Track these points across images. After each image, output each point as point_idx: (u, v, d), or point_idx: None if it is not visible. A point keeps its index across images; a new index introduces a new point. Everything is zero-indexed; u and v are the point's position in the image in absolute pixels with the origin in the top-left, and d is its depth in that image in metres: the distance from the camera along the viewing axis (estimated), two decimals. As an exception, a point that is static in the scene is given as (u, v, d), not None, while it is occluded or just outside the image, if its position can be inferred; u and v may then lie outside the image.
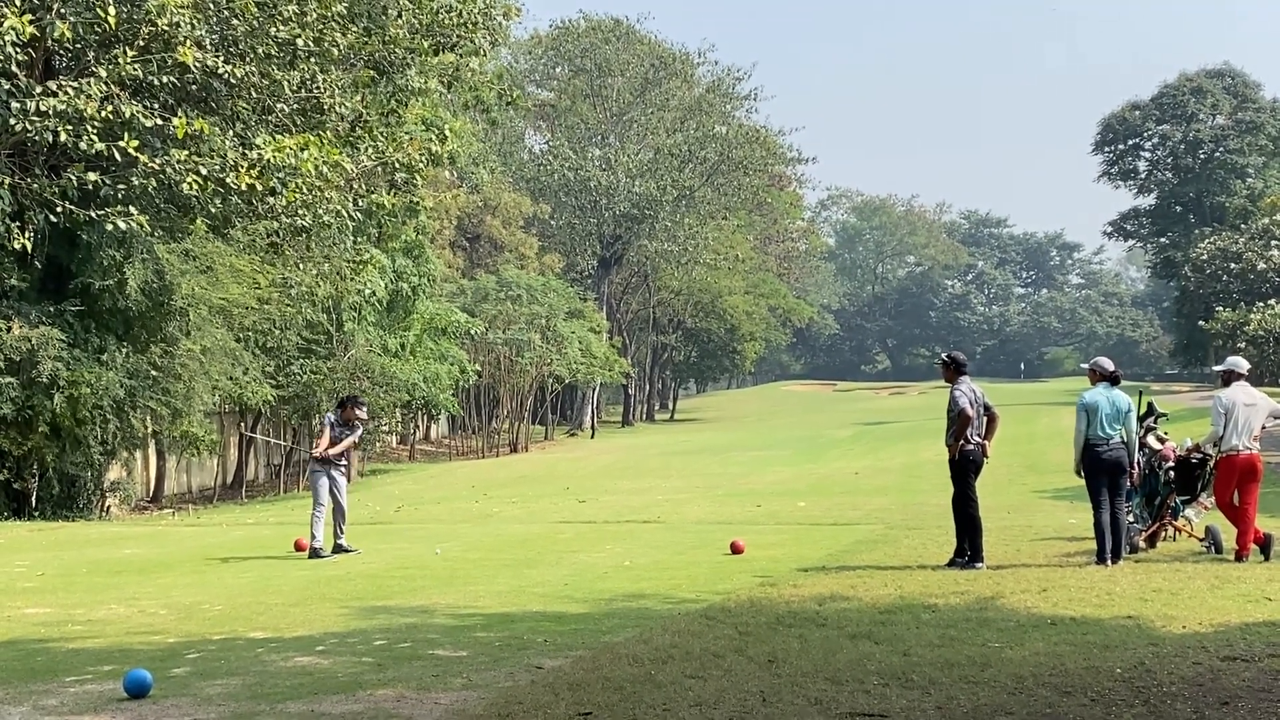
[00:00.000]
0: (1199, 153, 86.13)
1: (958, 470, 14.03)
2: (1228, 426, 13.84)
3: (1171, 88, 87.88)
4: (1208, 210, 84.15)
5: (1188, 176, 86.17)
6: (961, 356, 14.36)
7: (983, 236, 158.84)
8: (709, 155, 70.16)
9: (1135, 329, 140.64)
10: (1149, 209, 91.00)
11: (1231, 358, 14.64)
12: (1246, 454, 13.79)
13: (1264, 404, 14.02)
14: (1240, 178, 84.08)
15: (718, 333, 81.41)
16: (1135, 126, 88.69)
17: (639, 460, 42.19)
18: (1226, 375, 14.35)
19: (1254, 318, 52.85)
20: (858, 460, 37.04)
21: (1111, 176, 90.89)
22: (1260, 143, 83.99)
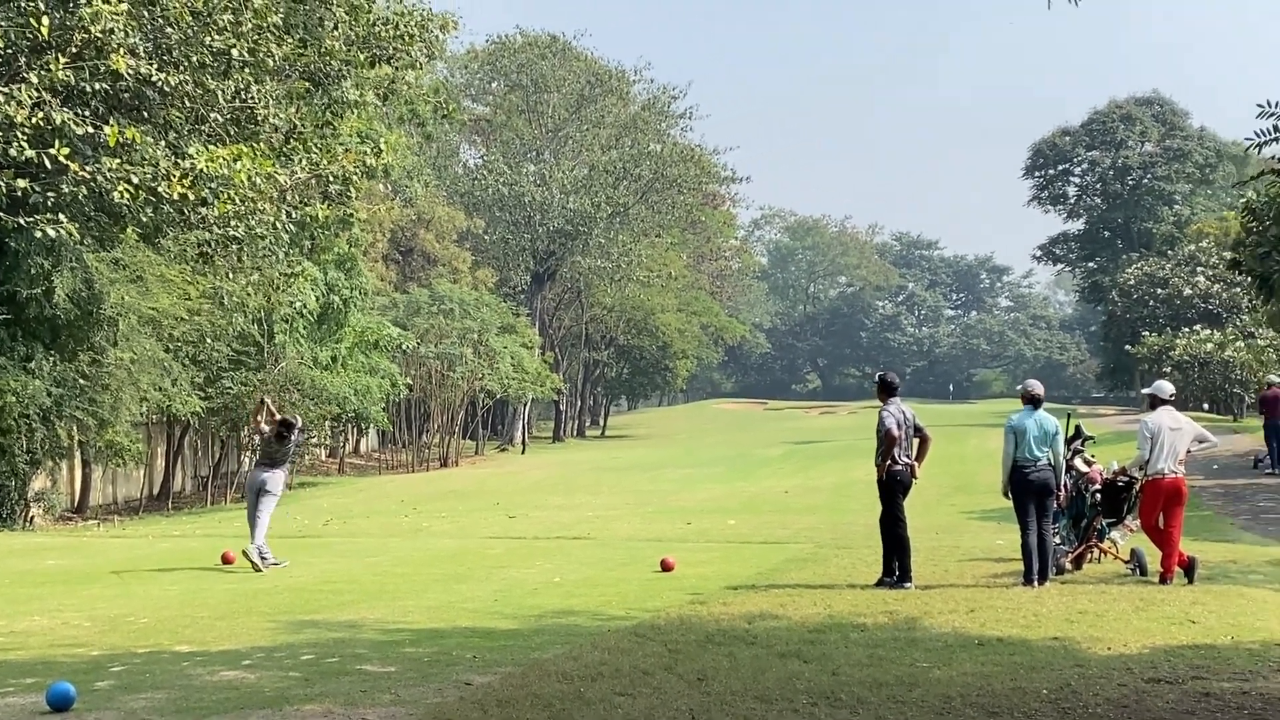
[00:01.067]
0: (1127, 179, 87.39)
1: (886, 490, 14.14)
2: (1153, 450, 14.05)
3: (1101, 114, 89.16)
4: (1135, 236, 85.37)
5: (1116, 202, 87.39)
6: (891, 378, 14.49)
7: (914, 258, 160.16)
8: (643, 173, 70.33)
9: (1063, 352, 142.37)
10: (1078, 234, 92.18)
11: (1158, 382, 14.91)
12: (1172, 478, 13.98)
13: (1189, 429, 14.23)
14: (1167, 204, 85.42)
15: (650, 350, 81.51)
16: (1065, 152, 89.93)
17: (570, 476, 42.11)
18: (1153, 399, 14.58)
19: (1179, 343, 53.65)
20: (788, 479, 37.17)
21: (1041, 201, 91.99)
22: (1187, 170, 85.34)
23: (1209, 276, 61.96)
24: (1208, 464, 30.25)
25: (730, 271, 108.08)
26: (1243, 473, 29.51)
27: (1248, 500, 24.66)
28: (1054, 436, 14.14)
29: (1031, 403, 14.30)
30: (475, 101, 73.24)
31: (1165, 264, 66.99)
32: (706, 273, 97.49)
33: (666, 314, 79.32)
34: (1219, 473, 29.56)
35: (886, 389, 14.33)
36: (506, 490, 37.07)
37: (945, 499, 28.12)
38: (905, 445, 14.10)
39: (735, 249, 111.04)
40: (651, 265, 73.46)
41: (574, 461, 50.94)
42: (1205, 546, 16.69)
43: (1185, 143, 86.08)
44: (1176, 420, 14.21)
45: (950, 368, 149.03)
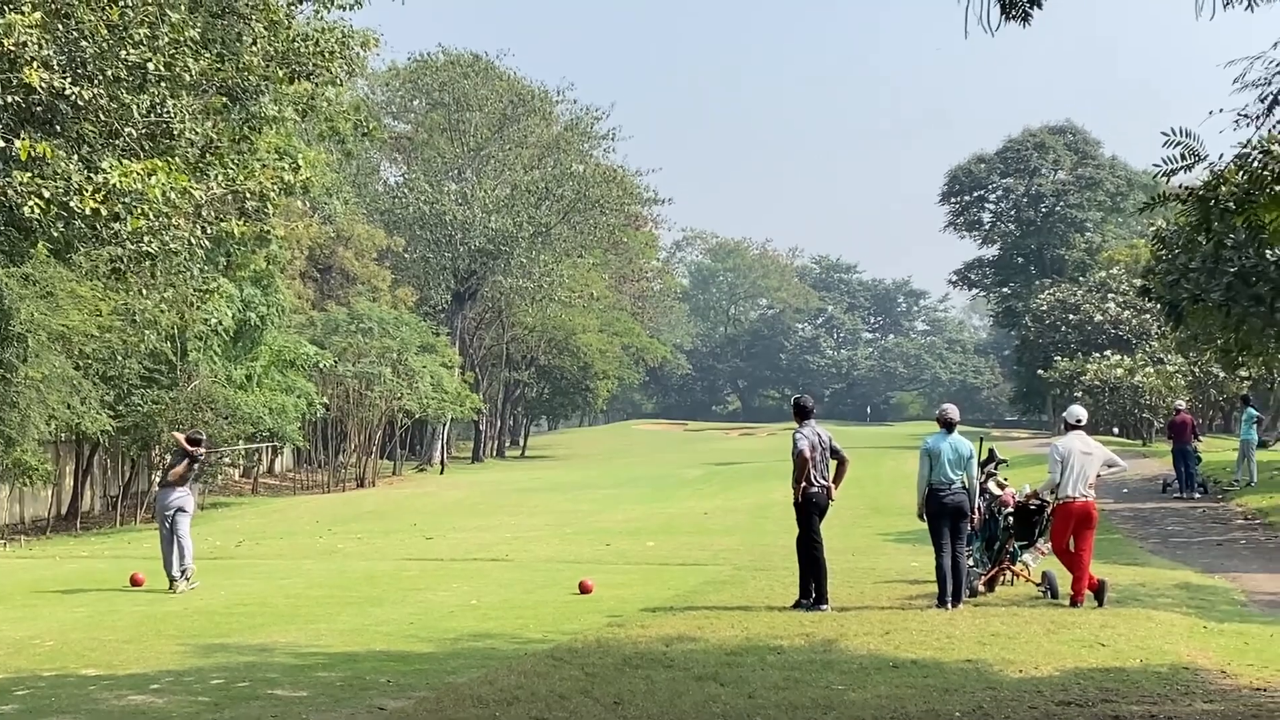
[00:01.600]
0: (1041, 206, 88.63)
1: (802, 512, 14.21)
2: (1064, 474, 14.22)
3: (1016, 142, 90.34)
4: (1048, 262, 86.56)
5: (1030, 229, 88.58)
6: (805, 401, 14.58)
7: (833, 281, 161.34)
8: (566, 193, 70.32)
9: (977, 376, 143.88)
10: (992, 259, 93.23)
11: (1071, 407, 15.07)
12: (1082, 501, 14.16)
13: (1099, 453, 14.42)
14: (1079, 231, 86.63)
15: (571, 370, 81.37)
16: (980, 179, 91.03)
17: (488, 497, 41.92)
18: (1065, 423, 14.78)
19: (1090, 368, 54.40)
20: (707, 500, 37.23)
21: (957, 227, 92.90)
22: (1098, 198, 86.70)
23: (1119, 303, 62.90)
24: (1117, 487, 30.70)
25: (652, 293, 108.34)
26: (1152, 496, 29.98)
27: (1156, 524, 25.03)
28: (968, 460, 14.30)
29: (946, 426, 14.46)
30: (396, 119, 72.86)
31: (1077, 290, 67.93)
32: (628, 293, 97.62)
33: (588, 334, 79.27)
34: (1128, 496, 30.01)
35: (801, 412, 14.42)
36: (424, 511, 36.82)
37: (861, 521, 28.30)
38: (821, 467, 14.18)
39: (657, 270, 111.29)
40: (573, 285, 73.42)
41: (493, 482, 50.72)
42: (1115, 569, 16.91)
43: (1097, 171, 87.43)
44: (1087, 445, 14.40)
45: (868, 390, 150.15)
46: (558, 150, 73.27)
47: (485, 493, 44.08)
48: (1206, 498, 29.19)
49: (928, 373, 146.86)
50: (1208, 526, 24.36)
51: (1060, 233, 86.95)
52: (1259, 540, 22.14)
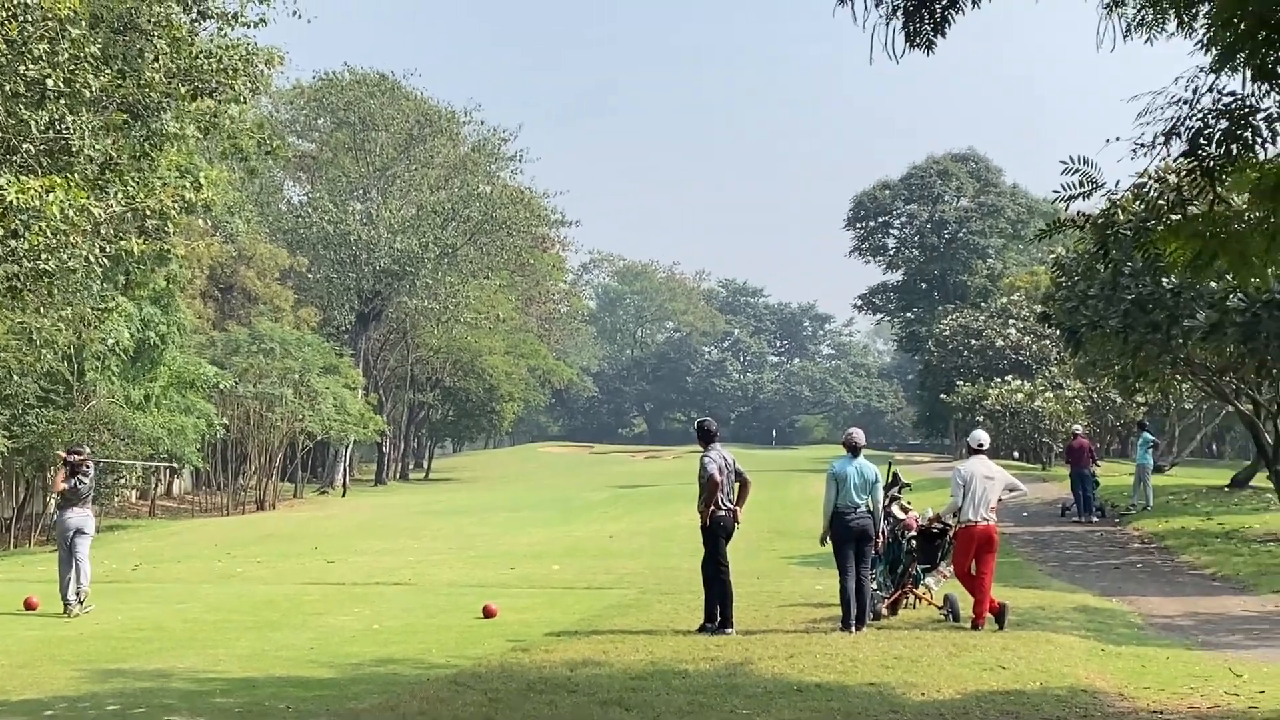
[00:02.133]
0: (944, 232, 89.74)
1: (709, 535, 14.25)
2: (966, 498, 14.39)
3: (920, 169, 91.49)
4: (951, 288, 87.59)
5: (933, 255, 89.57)
6: (710, 425, 14.63)
7: (739, 305, 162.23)
8: (473, 214, 70.07)
9: (881, 400, 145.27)
10: (896, 284, 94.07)
11: (974, 432, 15.27)
12: (984, 525, 14.33)
13: (1001, 477, 14.61)
14: (981, 258, 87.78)
15: (476, 392, 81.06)
16: (885, 205, 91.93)
17: (391, 520, 41.56)
18: (968, 447, 14.96)
19: (992, 392, 55.14)
20: (613, 523, 37.19)
21: (862, 252, 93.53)
22: (1000, 225, 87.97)
23: (1020, 329, 63.81)
24: (1018, 511, 31.14)
25: (559, 315, 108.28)
26: (1051, 520, 30.45)
27: (1055, 547, 25.42)
28: (874, 484, 14.44)
29: (852, 451, 14.59)
30: (301, 138, 72.26)
31: (979, 316, 68.82)
32: (535, 315, 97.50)
33: (494, 356, 79.01)
34: (1029, 520, 30.45)
35: (706, 436, 14.46)
36: (325, 534, 36.42)
37: (766, 544, 28.43)
38: (727, 490, 14.23)
39: (564, 292, 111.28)
40: (479, 307, 73.14)
41: (396, 505, 50.30)
42: (1015, 593, 17.13)
43: (999, 199, 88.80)
44: (989, 469, 14.57)
45: (773, 413, 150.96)
46: (465, 171, 73.06)
47: (388, 515, 43.70)
48: (1104, 522, 29.71)
49: (833, 396, 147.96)
50: (1105, 550, 24.78)
51: (963, 259, 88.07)
52: (1155, 564, 22.56)
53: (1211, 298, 21.81)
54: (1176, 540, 24.94)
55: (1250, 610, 16.85)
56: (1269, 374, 24.02)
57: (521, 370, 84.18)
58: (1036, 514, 31.48)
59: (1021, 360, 62.73)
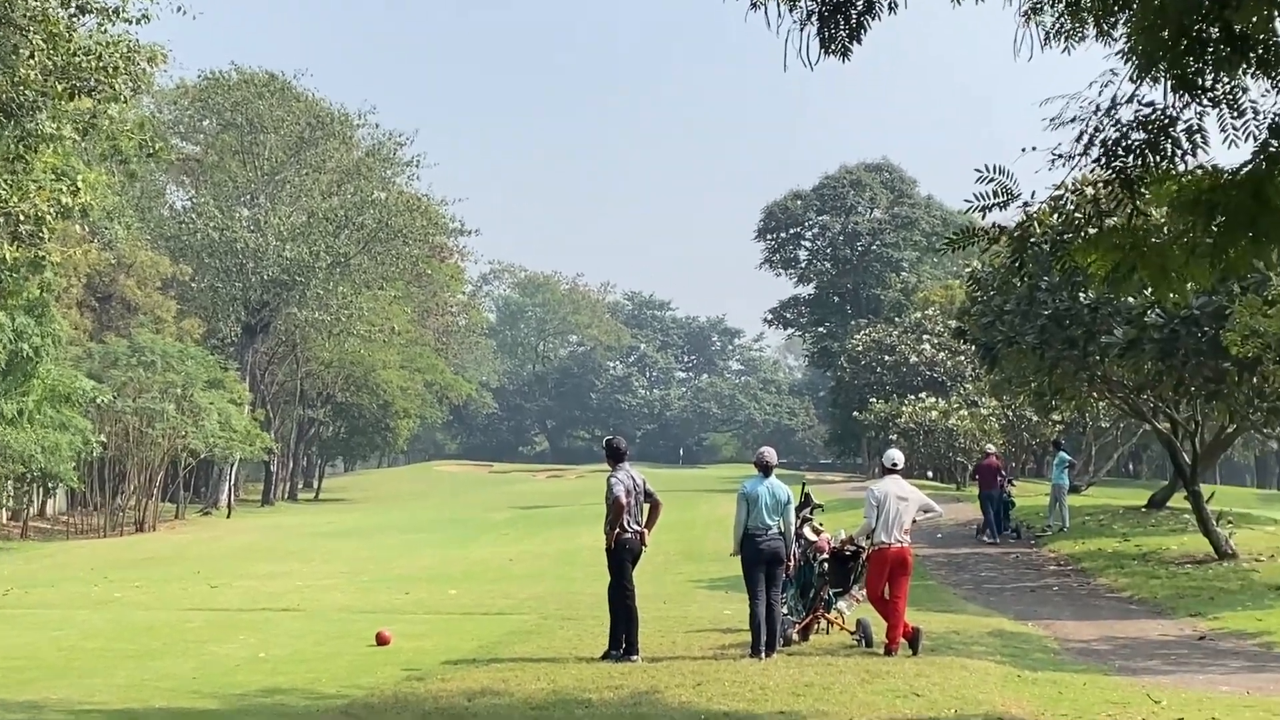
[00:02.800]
0: (857, 244, 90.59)
1: (614, 559, 14.22)
2: (879, 519, 14.48)
3: (832, 179, 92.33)
4: (864, 302, 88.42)
5: (846, 268, 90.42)
6: (618, 443, 14.61)
7: (646, 318, 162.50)
8: (367, 221, 69.57)
9: (792, 417, 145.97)
10: (808, 298, 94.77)
11: (888, 451, 15.41)
12: (898, 547, 14.43)
13: (915, 498, 14.72)
14: (895, 271, 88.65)
15: (369, 408, 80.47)
16: (797, 215, 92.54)
17: (279, 542, 41.13)
18: (882, 467, 15.09)
19: (905, 410, 55.71)
20: (513, 545, 37.12)
21: (773, 264, 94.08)
22: (914, 238, 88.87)
23: (935, 344, 64.61)
24: (931, 533, 31.47)
25: (457, 327, 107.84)
26: (966, 541, 30.83)
27: (970, 570, 25.75)
28: (785, 505, 14.52)
29: (764, 470, 14.66)
30: (185, 140, 71.34)
31: (893, 331, 69.52)
32: (432, 328, 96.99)
33: (388, 371, 78.50)
34: (943, 542, 30.79)
35: (614, 454, 14.44)
36: (209, 557, 35.96)
37: (673, 567, 28.50)
38: (635, 512, 14.22)
39: (462, 304, 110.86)
40: (373, 319, 72.60)
41: (284, 526, 49.79)
42: (929, 617, 17.30)
43: (913, 210, 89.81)
44: (903, 489, 14.68)
45: (681, 431, 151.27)
46: (358, 176, 72.58)
47: (276, 538, 43.26)
48: (1020, 543, 30.13)
49: (742, 414, 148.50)
50: (1021, 572, 25.14)
51: (876, 272, 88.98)
52: (1071, 586, 22.91)
53: (1129, 313, 22.21)
54: (1093, 562, 25.36)
55: (1168, 634, 17.17)
56: (1186, 392, 24.49)
57: (417, 385, 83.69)
58: (951, 535, 31.85)
59: (936, 377, 63.54)
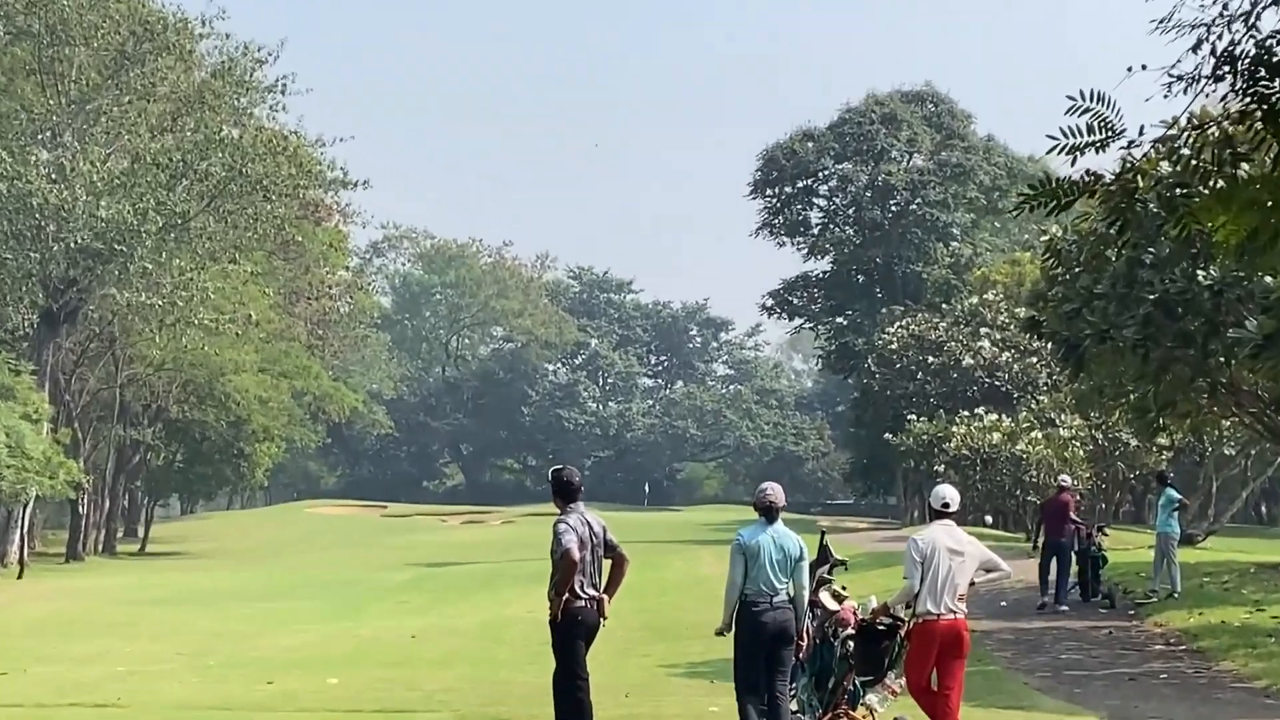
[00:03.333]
0: (890, 203, 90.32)
1: (562, 635, 14.12)
2: (925, 581, 14.33)
3: (856, 113, 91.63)
4: (900, 282, 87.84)
5: (875, 235, 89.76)
6: (570, 476, 14.47)
7: (598, 305, 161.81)
8: (213, 169, 69.04)
9: (800, 441, 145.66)
10: (822, 277, 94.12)
11: (938, 487, 15.20)
12: (949, 620, 14.28)
13: (974, 552, 14.52)
14: (943, 240, 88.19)
15: (216, 427, 79.96)
16: (807, 163, 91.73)
17: (92, 611, 40.93)
18: (930, 509, 14.94)
19: (956, 430, 55.55)
20: (416, 617, 37.02)
21: (774, 230, 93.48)
22: (969, 194, 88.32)
23: (997, 341, 64.60)
24: (993, 599, 31.46)
25: (338, 316, 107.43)
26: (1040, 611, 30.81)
27: (1047, 650, 25.72)
28: (797, 562, 14.42)
29: (767, 514, 14.56)
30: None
31: (939, 322, 69.35)
32: (304, 317, 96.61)
33: (243, 375, 78.04)
34: (1009, 611, 30.77)
35: (564, 492, 14.30)
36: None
37: (639, 646, 28.45)
38: (590, 572, 14.11)
39: (346, 284, 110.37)
40: (222, 303, 72.15)
41: (99, 590, 49.53)
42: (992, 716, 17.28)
43: (967, 156, 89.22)
44: (958, 540, 14.51)
45: (646, 460, 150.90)
46: (202, 106, 72.12)
47: (87, 605, 43.03)
48: (1113, 613, 30.12)
49: (731, 436, 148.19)
50: (1116, 654, 25.11)
51: (916, 241, 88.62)
52: (1185, 673, 22.92)
53: (1266, 298, 22.16)
54: (1214, 640, 25.38)
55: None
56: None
57: (283, 396, 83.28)
58: (1021, 602, 31.82)
59: (999, 386, 63.54)
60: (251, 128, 72.70)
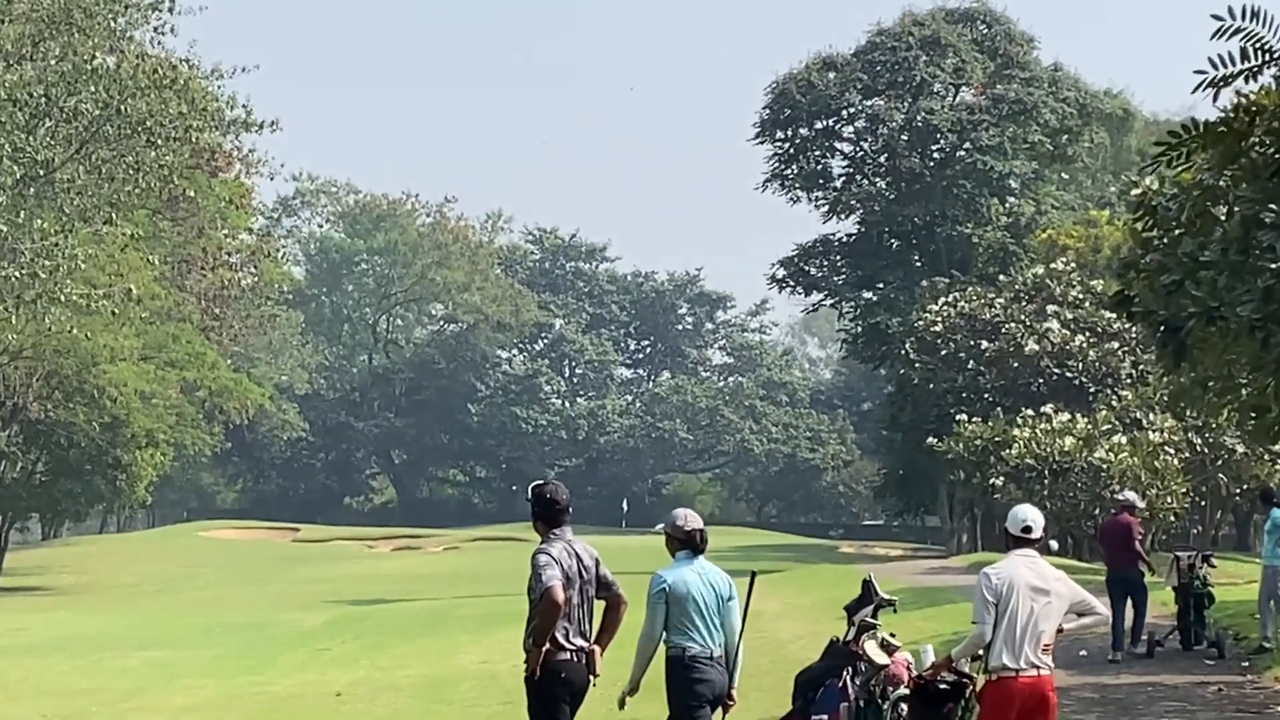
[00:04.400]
0: (932, 148, 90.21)
1: (540, 697, 14.01)
2: (1000, 627, 14.16)
3: (889, 36, 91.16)
4: (944, 247, 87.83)
5: (913, 188, 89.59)
6: (558, 493, 14.31)
7: (563, 277, 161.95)
8: (84, 106, 69.07)
9: (816, 447, 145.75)
10: (846, 241, 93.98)
11: (1018, 509, 14.89)
12: (1031, 677, 14.13)
13: (1063, 590, 14.31)
14: (998, 195, 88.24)
15: (87, 430, 79.88)
16: (828, 99, 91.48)
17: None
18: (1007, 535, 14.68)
19: (1018, 434, 55.44)
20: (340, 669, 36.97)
21: (786, 182, 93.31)
22: (1031, 137, 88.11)
23: (1069, 322, 64.51)
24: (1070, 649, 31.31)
25: (239, 290, 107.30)
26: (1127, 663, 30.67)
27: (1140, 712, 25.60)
28: (728, 605, 14.34)
29: (690, 547, 14.44)
30: None
31: (995, 298, 69.27)
32: (196, 292, 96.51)
33: (121, 365, 77.97)
34: (1089, 663, 30.65)
35: (548, 512, 14.19)
36: None
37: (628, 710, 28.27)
38: (578, 616, 13.97)
39: (249, 250, 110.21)
40: (95, 275, 72.14)
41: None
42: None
43: (1029, 90, 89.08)
44: (1043, 576, 14.30)
45: (624, 470, 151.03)
46: (70, 28, 72.09)
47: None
48: (1222, 664, 30.02)
49: (729, 440, 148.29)
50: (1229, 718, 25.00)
51: (965, 196, 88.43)
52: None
53: None
54: (1351, 699, 25.33)
55: None
56: None
57: (171, 391, 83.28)
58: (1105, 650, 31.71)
59: (1070, 378, 63.43)
60: (131, 55, 72.51)
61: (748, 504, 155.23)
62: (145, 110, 69.73)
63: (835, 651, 16.37)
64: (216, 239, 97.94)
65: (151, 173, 73.54)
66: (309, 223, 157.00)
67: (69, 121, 69.10)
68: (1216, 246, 24.53)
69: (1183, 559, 31.50)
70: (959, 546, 70.67)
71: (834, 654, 16.37)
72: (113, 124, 69.44)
